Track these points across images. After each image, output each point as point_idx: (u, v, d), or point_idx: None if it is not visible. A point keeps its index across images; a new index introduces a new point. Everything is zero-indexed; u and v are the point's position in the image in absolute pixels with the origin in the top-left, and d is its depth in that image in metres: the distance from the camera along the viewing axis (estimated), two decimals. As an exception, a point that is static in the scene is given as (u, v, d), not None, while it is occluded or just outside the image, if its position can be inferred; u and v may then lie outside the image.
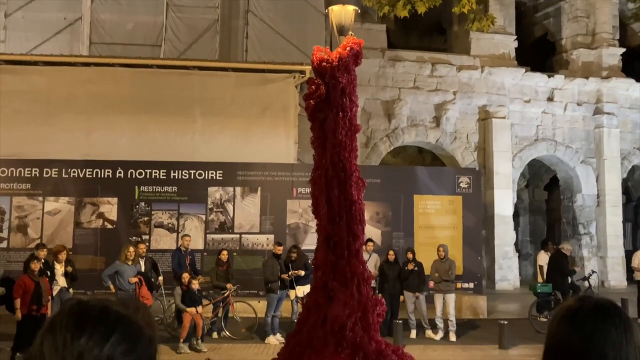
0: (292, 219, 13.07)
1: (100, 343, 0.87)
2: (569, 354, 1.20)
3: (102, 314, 0.91)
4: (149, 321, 0.98)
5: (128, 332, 0.91)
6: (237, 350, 8.49)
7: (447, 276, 10.12)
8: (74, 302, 0.93)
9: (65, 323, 0.88)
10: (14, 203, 12.54)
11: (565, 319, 1.25)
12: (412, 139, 16.28)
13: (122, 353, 0.88)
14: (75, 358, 0.84)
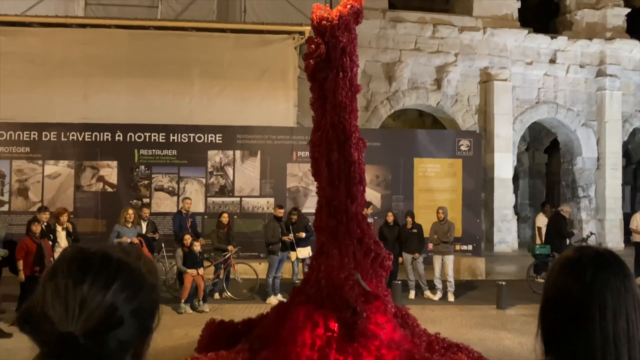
0: (292, 182, 13.08)
1: (103, 290, 0.86)
2: (568, 303, 1.21)
3: (103, 261, 0.90)
4: (151, 268, 0.98)
5: (130, 279, 0.90)
6: (239, 310, 8.62)
7: (446, 238, 10.20)
8: (75, 249, 0.92)
9: (67, 269, 0.88)
10: (13, 167, 12.53)
11: (564, 269, 1.25)
12: (412, 102, 16.15)
13: (124, 300, 0.88)
14: (78, 304, 0.84)
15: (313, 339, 5.55)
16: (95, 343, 0.83)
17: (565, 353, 1.19)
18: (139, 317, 0.90)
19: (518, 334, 7.41)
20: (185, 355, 6.14)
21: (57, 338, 0.80)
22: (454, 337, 6.62)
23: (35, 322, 0.83)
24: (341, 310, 5.61)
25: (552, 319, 1.25)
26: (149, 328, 0.95)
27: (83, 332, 0.82)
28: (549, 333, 1.25)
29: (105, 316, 0.85)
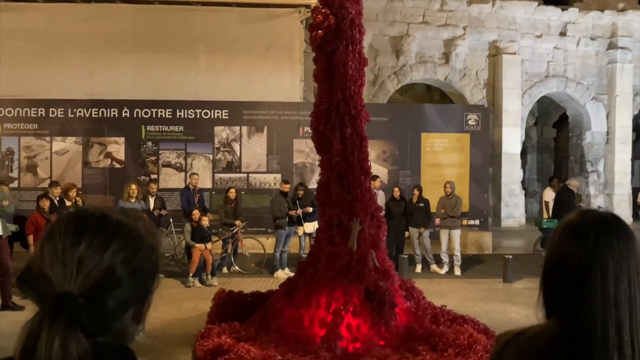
0: (298, 158, 13.08)
1: (100, 250, 0.86)
2: (570, 266, 1.21)
3: (101, 222, 0.90)
4: (151, 230, 0.97)
5: (128, 240, 0.90)
6: (247, 284, 8.70)
7: (453, 212, 10.20)
8: (72, 210, 0.92)
9: (64, 230, 0.87)
10: (22, 143, 12.61)
11: (566, 232, 1.24)
12: (420, 76, 15.98)
13: (122, 261, 0.87)
14: (76, 264, 0.84)
15: (329, 300, 5.64)
16: (93, 303, 0.83)
17: (567, 316, 1.19)
18: (137, 278, 0.90)
19: (524, 306, 7.45)
20: (194, 328, 6.25)
21: (56, 297, 0.81)
22: (460, 310, 6.68)
23: (33, 282, 0.84)
24: (361, 280, 5.69)
25: (553, 282, 1.25)
26: (149, 289, 0.95)
27: (81, 292, 0.82)
28: (550, 297, 1.25)
29: (103, 277, 0.85)
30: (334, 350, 5.28)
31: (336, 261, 5.88)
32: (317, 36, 5.92)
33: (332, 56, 6.01)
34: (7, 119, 12.56)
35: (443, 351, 5.32)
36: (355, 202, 6.02)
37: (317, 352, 5.26)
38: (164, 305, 7.68)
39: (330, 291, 5.72)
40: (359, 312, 5.58)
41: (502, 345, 1.30)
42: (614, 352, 1.11)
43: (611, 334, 1.12)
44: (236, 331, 5.74)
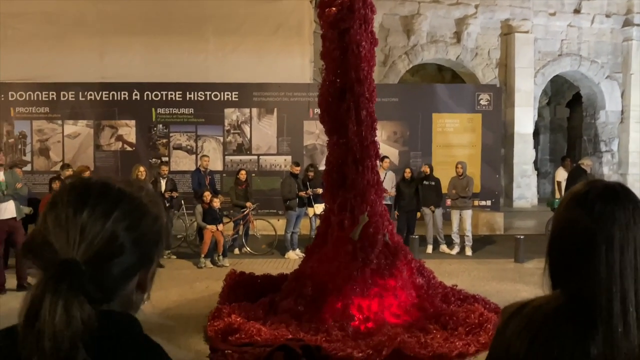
0: (309, 140, 13.06)
1: (103, 218, 0.86)
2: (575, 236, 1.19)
3: (103, 190, 0.90)
4: (154, 200, 0.97)
5: (131, 209, 0.90)
6: (258, 264, 8.78)
7: (465, 193, 10.15)
8: (74, 180, 0.92)
9: (67, 198, 0.88)
10: (34, 127, 12.70)
11: (573, 202, 1.23)
12: (431, 56, 15.80)
13: (125, 229, 0.87)
14: (79, 232, 0.84)
15: (340, 286, 5.69)
16: (96, 270, 0.83)
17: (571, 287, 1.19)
18: (141, 247, 0.90)
19: (536, 286, 7.34)
20: (206, 308, 6.31)
21: (59, 263, 0.81)
22: (471, 290, 6.68)
23: (38, 250, 0.84)
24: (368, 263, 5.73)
25: (559, 253, 1.24)
26: (152, 258, 0.95)
27: (84, 259, 0.83)
28: (555, 267, 1.25)
29: (105, 244, 0.85)
30: (346, 330, 5.33)
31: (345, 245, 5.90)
32: (330, 13, 5.85)
33: (345, 35, 5.95)
34: (19, 103, 12.65)
35: (454, 330, 5.34)
36: (370, 187, 6.02)
37: (329, 331, 5.31)
38: (177, 286, 7.77)
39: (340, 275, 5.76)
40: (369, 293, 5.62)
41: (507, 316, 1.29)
42: (619, 322, 1.10)
43: (616, 305, 1.11)
44: (246, 311, 5.79)
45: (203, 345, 5.40)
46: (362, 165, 6.04)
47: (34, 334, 0.76)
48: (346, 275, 5.74)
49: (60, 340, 0.76)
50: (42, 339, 0.76)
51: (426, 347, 4.99)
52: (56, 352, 0.76)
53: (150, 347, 0.88)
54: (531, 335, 1.20)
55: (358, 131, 6.03)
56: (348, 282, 5.69)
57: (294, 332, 5.31)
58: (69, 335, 0.77)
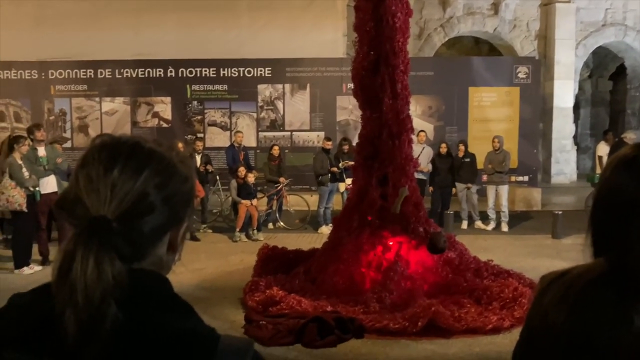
0: (342, 115, 12.99)
1: (133, 176, 0.86)
2: (621, 201, 1.14)
3: (134, 149, 0.90)
4: (184, 160, 0.96)
5: (161, 167, 0.90)
6: (291, 239, 8.85)
7: (501, 168, 9.95)
8: (105, 137, 0.92)
9: (98, 156, 0.88)
10: (73, 104, 13.00)
11: (619, 166, 1.17)
12: (468, 28, 15.42)
13: (155, 187, 0.87)
14: (110, 190, 0.84)
15: (380, 261, 5.70)
16: (127, 228, 0.84)
17: (615, 254, 1.14)
18: (171, 205, 0.90)
19: (574, 262, 7.10)
20: (241, 280, 6.42)
21: (90, 220, 0.82)
22: (506, 266, 6.59)
23: (70, 207, 0.85)
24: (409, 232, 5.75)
25: (602, 219, 1.19)
26: (182, 218, 0.95)
27: (115, 217, 0.83)
28: (598, 235, 1.20)
29: (136, 202, 0.85)
30: (384, 302, 5.35)
31: (388, 216, 5.90)
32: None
33: (380, 6, 5.85)
34: (59, 81, 12.93)
35: (487, 304, 5.30)
36: (406, 161, 5.98)
37: (367, 302, 5.34)
38: (212, 259, 7.92)
39: (384, 251, 5.78)
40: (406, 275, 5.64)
41: (546, 284, 1.26)
42: (664, 290, 1.06)
43: (662, 273, 1.06)
44: (281, 283, 5.87)
45: (238, 316, 5.50)
46: (399, 139, 5.98)
47: (66, 288, 0.77)
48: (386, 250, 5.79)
49: (91, 294, 0.77)
50: (74, 292, 0.77)
51: (460, 320, 4.97)
52: (88, 306, 0.77)
53: (180, 305, 0.89)
54: (570, 303, 1.16)
55: (394, 104, 5.96)
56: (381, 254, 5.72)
57: (333, 304, 5.36)
58: (100, 289, 0.77)
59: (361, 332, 4.97)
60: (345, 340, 4.87)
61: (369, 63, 6.02)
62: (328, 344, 4.77)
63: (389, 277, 5.57)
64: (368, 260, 5.82)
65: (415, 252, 5.78)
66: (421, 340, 4.88)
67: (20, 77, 12.94)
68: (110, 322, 0.78)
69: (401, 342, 4.87)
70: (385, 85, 5.94)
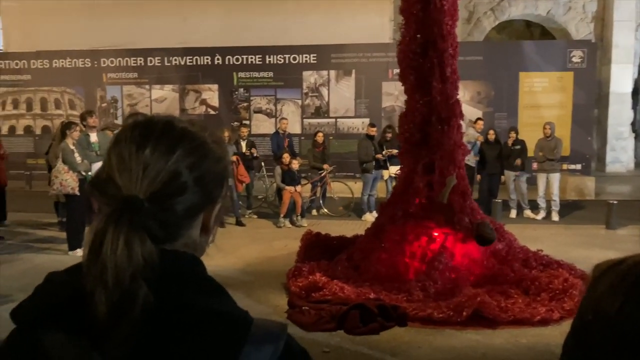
0: (387, 101, 12.84)
1: (165, 155, 0.84)
2: None
3: (166, 128, 0.88)
4: (218, 140, 0.94)
5: (194, 147, 0.88)
6: (335, 225, 8.83)
7: (552, 155, 9.61)
8: (137, 117, 0.91)
9: (130, 135, 0.86)
10: (124, 92, 13.35)
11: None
12: (519, 11, 14.90)
13: (187, 167, 0.85)
14: (142, 169, 0.83)
15: (424, 252, 5.64)
16: (159, 208, 0.82)
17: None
18: (203, 186, 0.88)
19: (629, 253, 6.95)
20: (284, 265, 6.46)
21: (122, 199, 0.81)
22: (556, 256, 6.37)
23: (102, 187, 0.84)
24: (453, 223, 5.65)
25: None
26: (215, 199, 0.92)
27: (147, 196, 0.82)
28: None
29: (168, 181, 0.84)
30: (428, 290, 5.28)
31: (433, 206, 5.81)
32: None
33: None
34: (110, 69, 13.31)
35: (536, 295, 5.14)
36: (455, 147, 5.85)
37: (410, 290, 5.28)
38: (257, 244, 8.01)
39: (428, 243, 5.71)
40: (452, 256, 5.54)
41: (599, 273, 1.18)
42: None
43: None
44: (324, 269, 5.87)
45: (281, 300, 5.55)
46: (448, 124, 5.85)
47: (97, 267, 0.77)
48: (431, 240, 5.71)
49: (121, 274, 0.76)
50: (104, 271, 0.76)
51: (506, 311, 4.84)
52: (118, 286, 0.76)
53: (214, 287, 0.87)
54: (625, 293, 1.08)
55: (443, 89, 5.82)
56: (427, 244, 5.64)
57: (376, 291, 5.33)
58: (130, 270, 0.76)
59: (404, 320, 4.92)
60: (388, 327, 4.83)
61: (416, 47, 5.90)
62: (370, 331, 4.75)
63: (434, 267, 5.48)
64: (412, 250, 5.75)
65: (461, 245, 5.66)
66: (466, 330, 4.79)
67: (74, 65, 13.40)
68: (141, 303, 0.77)
69: (445, 332, 4.79)
70: (434, 69, 5.82)
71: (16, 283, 6.18)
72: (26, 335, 0.83)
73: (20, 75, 13.64)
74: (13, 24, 14.36)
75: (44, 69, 13.53)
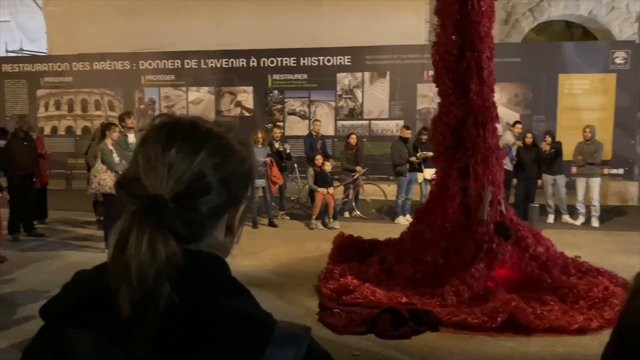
0: (422, 103, 12.71)
1: (190, 156, 0.85)
2: None
3: (191, 129, 0.89)
4: (243, 141, 0.94)
5: (219, 148, 0.88)
6: (368, 228, 8.79)
7: (592, 159, 9.34)
8: (164, 117, 0.92)
9: (157, 136, 0.87)
10: (161, 93, 13.61)
11: None
12: (559, 12, 14.53)
13: (212, 167, 0.86)
14: (167, 169, 0.84)
15: (460, 255, 5.59)
16: (183, 208, 0.83)
17: None
18: (227, 187, 0.88)
19: (673, 262, 6.72)
20: (316, 267, 6.46)
21: (147, 199, 0.81)
22: (595, 263, 6.18)
23: (129, 186, 0.85)
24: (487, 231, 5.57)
25: None
26: (240, 199, 0.93)
27: (172, 196, 0.82)
28: None
29: (193, 182, 0.84)
30: (461, 295, 5.19)
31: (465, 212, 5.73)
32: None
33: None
34: (149, 71, 13.58)
35: (574, 303, 4.99)
36: (490, 152, 5.75)
37: (443, 295, 5.21)
38: (289, 245, 8.03)
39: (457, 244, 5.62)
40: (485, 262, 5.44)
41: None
42: None
43: None
44: (356, 272, 5.84)
45: (312, 302, 5.54)
46: (484, 128, 5.75)
47: (121, 266, 0.77)
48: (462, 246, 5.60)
49: (145, 273, 0.76)
50: (128, 270, 0.76)
51: (542, 318, 4.71)
52: (142, 285, 0.76)
53: (237, 288, 0.87)
54: (667, 302, 1.04)
55: (480, 92, 5.74)
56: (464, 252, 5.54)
57: (408, 296, 5.27)
58: (154, 269, 0.77)
59: (436, 325, 4.85)
60: (420, 332, 4.77)
61: (453, 48, 5.82)
62: (402, 335, 4.69)
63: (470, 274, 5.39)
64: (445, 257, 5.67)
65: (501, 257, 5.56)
66: (500, 336, 4.69)
67: (113, 67, 13.72)
68: (164, 302, 0.77)
69: (478, 337, 4.70)
70: (472, 71, 5.73)
71: (56, 279, 6.36)
72: (52, 331, 0.84)
73: (63, 77, 14.05)
74: (56, 28, 14.81)
75: (85, 71, 13.90)
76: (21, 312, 5.31)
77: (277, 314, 0.86)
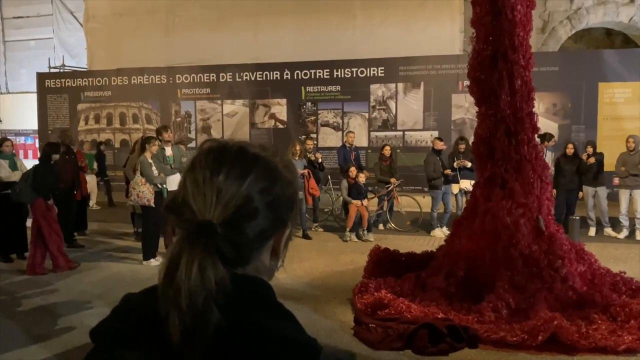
0: (457, 114, 12.55)
1: (238, 180, 0.86)
2: None
3: (239, 154, 0.90)
4: (288, 165, 0.96)
5: (265, 172, 0.90)
6: (402, 241, 8.70)
7: (636, 170, 9.04)
8: (212, 142, 0.94)
9: (205, 161, 0.89)
10: (197, 106, 13.84)
11: None
12: (598, 19, 14.21)
13: (259, 191, 0.87)
14: (215, 194, 0.85)
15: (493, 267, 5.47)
16: (232, 232, 0.83)
17: None
18: (274, 210, 0.89)
19: None
20: (351, 280, 6.42)
21: (196, 225, 0.82)
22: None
23: (178, 210, 0.86)
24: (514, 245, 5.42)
25: None
26: (286, 223, 0.94)
27: (220, 221, 0.83)
28: None
29: (240, 206, 0.85)
30: (500, 311, 5.07)
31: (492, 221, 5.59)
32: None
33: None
34: (185, 85, 13.84)
35: (625, 322, 4.79)
36: (524, 162, 5.63)
37: (481, 311, 5.10)
38: (323, 258, 8.00)
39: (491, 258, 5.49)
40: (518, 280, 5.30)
41: None
42: None
43: None
44: (391, 286, 5.77)
45: (347, 316, 5.49)
46: (516, 138, 5.64)
47: (171, 291, 0.78)
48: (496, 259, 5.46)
49: (195, 299, 0.77)
50: (178, 295, 0.77)
51: (587, 337, 4.54)
52: (191, 311, 0.77)
53: (283, 313, 0.87)
54: None
55: (512, 102, 5.63)
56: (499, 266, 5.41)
57: (444, 311, 5.17)
58: (203, 295, 0.78)
59: (475, 342, 4.74)
60: (458, 349, 4.67)
61: (484, 58, 5.75)
62: (440, 351, 4.60)
63: (509, 290, 5.26)
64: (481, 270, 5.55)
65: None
66: (541, 354, 4.54)
67: (151, 81, 14.04)
68: (213, 327, 0.78)
69: (519, 355, 4.57)
70: (503, 81, 5.64)
71: (95, 290, 6.48)
72: (103, 354, 0.86)
73: (102, 91, 14.45)
74: (96, 44, 15.27)
75: (124, 85, 14.26)
76: (63, 323, 5.42)
77: (313, 328, 0.85)
